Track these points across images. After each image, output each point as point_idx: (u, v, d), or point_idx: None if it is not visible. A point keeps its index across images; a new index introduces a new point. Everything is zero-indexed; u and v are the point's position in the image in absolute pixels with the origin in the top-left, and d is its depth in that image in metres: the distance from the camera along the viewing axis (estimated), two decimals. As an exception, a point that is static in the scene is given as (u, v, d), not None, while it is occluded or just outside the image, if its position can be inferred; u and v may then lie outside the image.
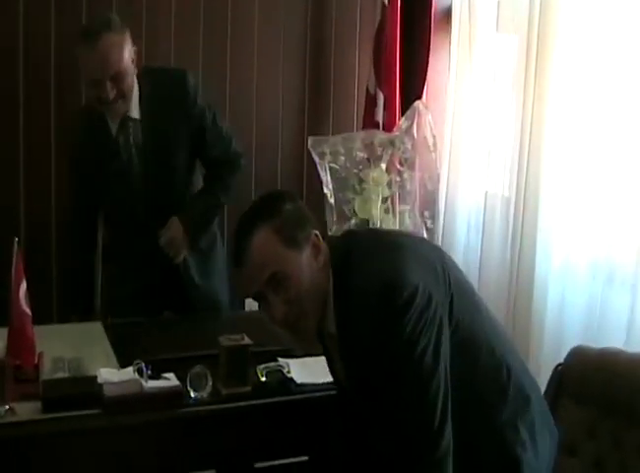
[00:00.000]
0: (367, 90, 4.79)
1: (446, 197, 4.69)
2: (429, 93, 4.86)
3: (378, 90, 4.71)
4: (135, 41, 3.31)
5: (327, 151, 3.27)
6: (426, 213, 3.40)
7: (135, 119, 3.42)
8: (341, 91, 4.96)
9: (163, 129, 3.42)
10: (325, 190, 3.28)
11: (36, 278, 3.75)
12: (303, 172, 4.12)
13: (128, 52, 3.27)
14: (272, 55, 4.82)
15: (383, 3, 4.79)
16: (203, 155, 3.58)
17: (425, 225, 3.39)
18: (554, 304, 4.00)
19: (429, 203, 3.43)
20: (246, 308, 3.75)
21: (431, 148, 3.42)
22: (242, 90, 4.76)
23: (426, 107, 3.47)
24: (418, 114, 3.40)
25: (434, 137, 3.45)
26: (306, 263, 2.21)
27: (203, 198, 3.59)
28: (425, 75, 4.81)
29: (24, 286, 2.61)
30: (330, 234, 3.33)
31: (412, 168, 3.38)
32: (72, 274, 3.71)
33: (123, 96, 3.29)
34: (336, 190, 3.28)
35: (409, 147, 3.36)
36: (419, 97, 4.68)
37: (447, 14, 4.92)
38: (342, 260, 2.23)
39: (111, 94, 3.24)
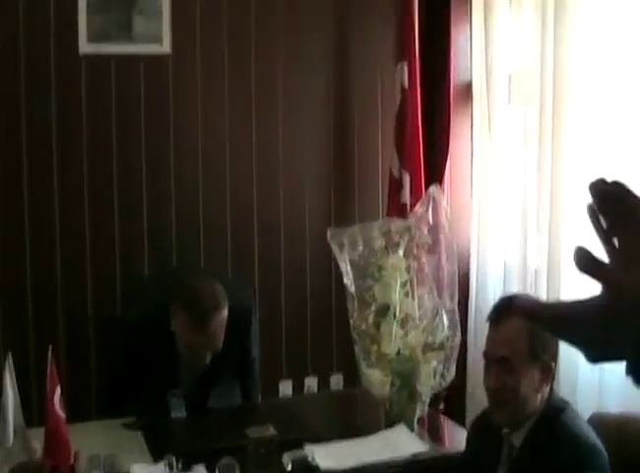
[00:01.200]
0: (391, 172, 4.90)
1: (476, 275, 4.81)
2: (452, 168, 4.98)
3: (403, 171, 4.81)
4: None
5: (346, 242, 3.38)
6: (445, 294, 3.49)
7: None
8: (365, 175, 5.05)
9: (221, 355, 3.46)
10: (345, 280, 3.39)
11: (75, 375, 3.93)
12: (331, 257, 4.25)
13: (225, 317, 3.35)
14: (296, 144, 4.93)
15: (403, 86, 4.87)
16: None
17: (445, 306, 3.48)
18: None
19: (448, 284, 3.52)
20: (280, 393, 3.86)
21: (447, 231, 3.52)
22: (269, 177, 4.89)
23: (441, 192, 3.57)
24: (433, 200, 3.50)
25: (449, 220, 3.55)
26: (531, 378, 2.53)
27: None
28: (447, 153, 4.91)
29: (58, 391, 2.73)
30: (353, 322, 3.44)
31: (429, 251, 3.48)
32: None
33: (215, 348, 3.36)
34: (356, 279, 3.38)
35: (425, 232, 3.46)
36: (442, 176, 4.81)
37: (467, 88, 5.03)
38: (559, 407, 2.57)
39: (207, 350, 3.34)
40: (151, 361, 3.49)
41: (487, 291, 4.74)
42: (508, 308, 2.51)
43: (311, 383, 4.83)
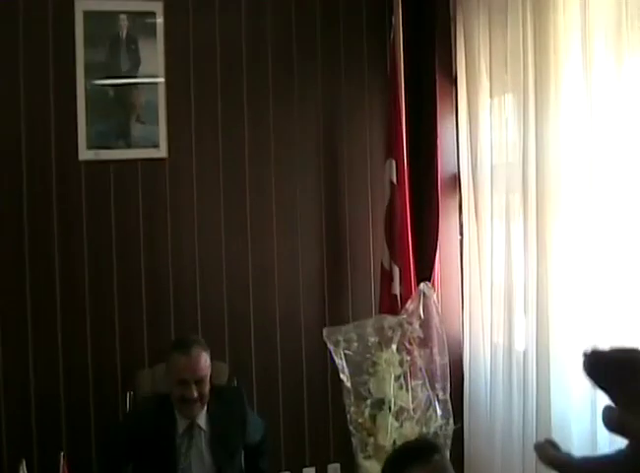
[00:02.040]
0: (382, 265, 5.03)
1: (469, 364, 4.91)
2: (442, 257, 5.11)
3: (393, 264, 4.95)
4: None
5: (341, 339, 3.52)
6: (437, 385, 3.62)
7: (201, 428, 3.85)
8: (357, 268, 5.19)
9: (225, 441, 3.87)
10: (341, 376, 3.52)
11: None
12: (326, 356, 4.38)
13: (209, 366, 3.81)
14: (291, 243, 5.10)
15: (391, 181, 5.01)
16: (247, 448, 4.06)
17: (437, 397, 3.60)
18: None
19: (440, 375, 3.65)
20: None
21: (438, 325, 3.66)
22: (264, 278, 5.04)
23: (431, 288, 3.72)
24: (424, 295, 3.65)
25: (440, 315, 3.69)
26: None
27: None
28: (437, 244, 5.02)
29: None
30: (350, 415, 3.55)
31: (421, 345, 3.62)
32: None
33: (202, 399, 3.77)
34: (352, 374, 3.51)
35: (416, 326, 3.60)
36: (432, 267, 4.95)
37: (454, 180, 5.17)
38: None
39: (195, 394, 3.72)
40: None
41: (479, 376, 4.86)
42: (403, 466, 2.55)
43: (309, 475, 4.90)
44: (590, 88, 3.95)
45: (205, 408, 3.86)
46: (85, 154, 4.66)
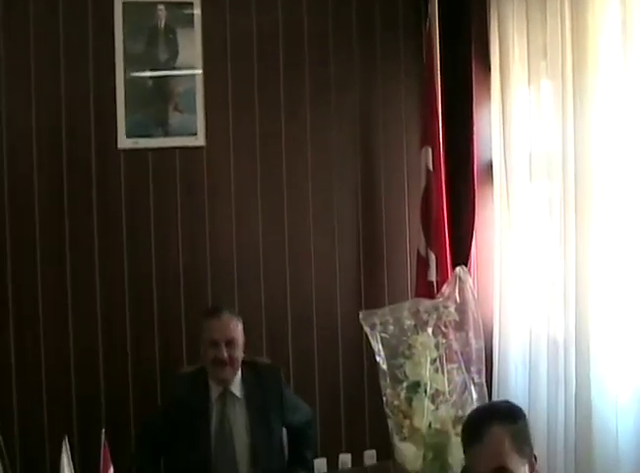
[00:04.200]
0: (418, 252, 5.06)
1: (499, 348, 4.92)
2: (479, 245, 5.11)
3: (429, 251, 4.97)
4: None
5: (377, 322, 3.53)
6: (473, 369, 3.62)
7: (235, 395, 3.95)
8: (393, 255, 5.25)
9: (262, 414, 3.95)
10: (377, 358, 3.53)
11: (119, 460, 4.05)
12: (362, 339, 4.41)
13: (241, 331, 3.97)
14: (327, 229, 5.16)
15: (428, 168, 5.05)
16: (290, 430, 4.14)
17: (473, 380, 3.61)
18: (610, 438, 4.13)
19: (476, 359, 3.65)
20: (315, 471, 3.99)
21: (473, 309, 3.67)
22: (301, 262, 5.11)
23: (467, 272, 3.73)
24: (460, 279, 3.66)
25: (475, 300, 3.70)
26: None
27: None
28: (472, 232, 5.04)
29: (111, 471, 2.86)
30: (386, 398, 3.58)
31: (456, 329, 3.62)
32: None
33: (233, 363, 3.91)
34: (388, 357, 3.53)
35: (452, 310, 3.61)
36: (468, 255, 4.96)
37: (489, 168, 5.15)
38: None
39: (225, 354, 3.87)
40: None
41: (509, 364, 4.86)
42: (483, 421, 2.57)
43: (345, 460, 4.92)
44: (630, 74, 3.93)
45: (239, 377, 3.96)
46: (124, 142, 4.73)
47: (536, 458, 2.61)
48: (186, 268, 4.89)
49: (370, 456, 4.75)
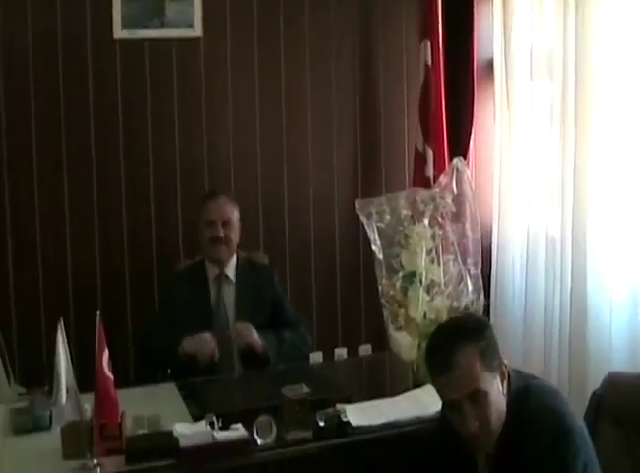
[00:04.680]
0: (416, 148, 5.04)
1: (498, 241, 4.94)
2: (477, 143, 5.10)
3: (427, 147, 4.96)
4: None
5: (373, 211, 3.51)
6: (469, 260, 3.61)
7: (229, 278, 4.09)
8: (391, 151, 5.22)
9: (252, 297, 4.12)
10: (374, 248, 3.52)
11: (115, 346, 4.08)
12: (359, 231, 4.42)
13: (237, 215, 4.16)
14: (324, 121, 5.12)
15: (427, 63, 5.01)
16: (276, 317, 4.17)
17: (469, 272, 3.60)
18: (605, 334, 4.17)
19: (472, 251, 3.64)
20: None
21: (470, 201, 3.65)
22: (298, 152, 5.09)
23: (464, 164, 3.69)
24: (457, 170, 3.63)
25: (472, 191, 3.68)
26: (497, 388, 2.51)
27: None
28: (471, 129, 5.03)
29: (106, 354, 2.85)
30: (381, 287, 3.58)
31: (453, 220, 3.60)
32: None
33: (228, 242, 4.08)
34: (384, 247, 3.52)
35: (449, 201, 3.58)
36: (466, 150, 4.94)
37: (489, 66, 5.12)
38: (520, 390, 2.56)
39: (221, 232, 4.04)
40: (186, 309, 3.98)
41: (507, 257, 4.90)
42: (449, 348, 2.48)
43: (341, 353, 4.95)
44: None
45: (234, 262, 4.09)
46: (120, 33, 4.67)
47: (506, 365, 2.57)
48: (182, 160, 4.87)
49: (365, 350, 4.75)
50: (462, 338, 2.49)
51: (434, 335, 2.66)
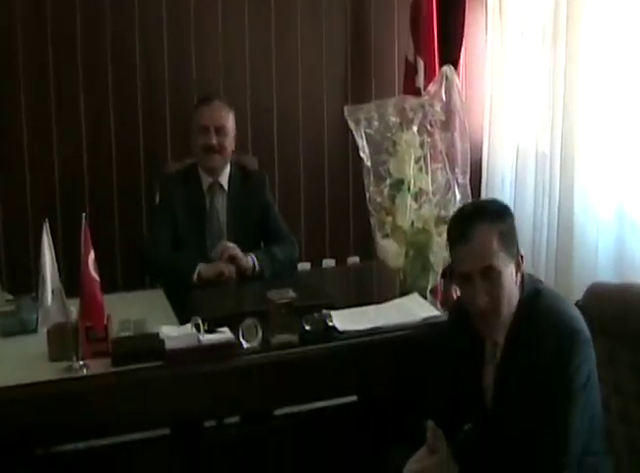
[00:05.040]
0: (407, 58, 5.00)
1: (488, 154, 4.93)
2: (468, 54, 5.07)
3: (418, 57, 4.92)
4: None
5: (362, 117, 3.48)
6: (457, 169, 3.60)
7: (223, 187, 4.03)
8: (381, 61, 5.20)
9: (243, 204, 4.06)
10: (362, 154, 3.50)
11: (102, 251, 4.07)
12: (348, 140, 4.39)
13: (232, 122, 4.03)
14: (315, 30, 5.09)
15: (418, -27, 4.95)
16: (265, 229, 4.13)
17: (457, 181, 3.59)
18: (590, 251, 4.19)
19: (460, 160, 3.63)
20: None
21: (460, 110, 3.62)
22: (288, 65, 5.07)
23: (454, 72, 3.66)
24: (446, 78, 3.60)
25: (462, 100, 3.65)
26: (510, 274, 2.54)
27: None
28: (462, 40, 5.00)
29: (92, 255, 2.84)
30: (369, 195, 3.57)
31: (442, 129, 3.58)
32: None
33: (222, 150, 3.96)
34: (372, 153, 3.50)
35: (438, 109, 3.56)
36: (457, 61, 4.90)
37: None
38: (532, 291, 2.59)
39: (214, 140, 3.93)
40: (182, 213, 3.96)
41: (497, 171, 4.89)
42: (470, 220, 2.53)
43: (329, 264, 4.98)
44: None
45: (227, 171, 4.04)
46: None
47: (522, 258, 2.60)
48: (171, 61, 4.89)
49: (353, 262, 4.80)
50: (484, 215, 2.54)
51: (458, 210, 2.76)
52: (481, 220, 2.51)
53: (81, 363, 2.84)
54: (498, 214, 2.56)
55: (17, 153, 4.64)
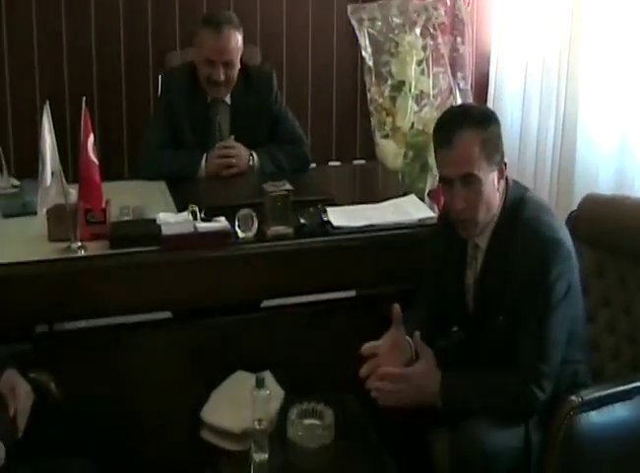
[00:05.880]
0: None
1: (497, 67, 4.91)
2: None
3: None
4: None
5: (365, 17, 3.51)
6: (459, 74, 3.64)
7: (226, 103, 3.83)
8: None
9: (249, 115, 3.83)
10: (363, 54, 3.53)
11: (107, 137, 4.08)
12: (358, 57, 4.36)
13: (240, 47, 3.71)
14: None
15: None
16: (275, 135, 3.93)
17: (458, 86, 3.63)
18: (592, 170, 4.22)
19: (462, 65, 3.66)
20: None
21: (463, 14, 3.64)
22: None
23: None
24: (452, -18, 3.61)
25: (466, 4, 3.67)
26: (492, 182, 2.58)
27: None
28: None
29: (91, 139, 2.87)
30: (370, 95, 3.60)
31: (445, 32, 3.60)
32: None
33: (228, 83, 3.74)
34: (374, 53, 3.53)
35: (442, 12, 3.57)
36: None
37: None
38: (517, 199, 2.64)
39: (222, 76, 3.69)
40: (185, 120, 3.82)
41: (504, 93, 4.87)
42: (454, 124, 2.55)
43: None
44: None
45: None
46: None
47: (505, 165, 2.63)
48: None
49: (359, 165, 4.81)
50: (469, 121, 2.55)
51: (443, 113, 2.75)
52: (466, 126, 2.53)
53: (79, 243, 2.92)
54: (483, 120, 2.58)
55: (26, 33, 4.60)
